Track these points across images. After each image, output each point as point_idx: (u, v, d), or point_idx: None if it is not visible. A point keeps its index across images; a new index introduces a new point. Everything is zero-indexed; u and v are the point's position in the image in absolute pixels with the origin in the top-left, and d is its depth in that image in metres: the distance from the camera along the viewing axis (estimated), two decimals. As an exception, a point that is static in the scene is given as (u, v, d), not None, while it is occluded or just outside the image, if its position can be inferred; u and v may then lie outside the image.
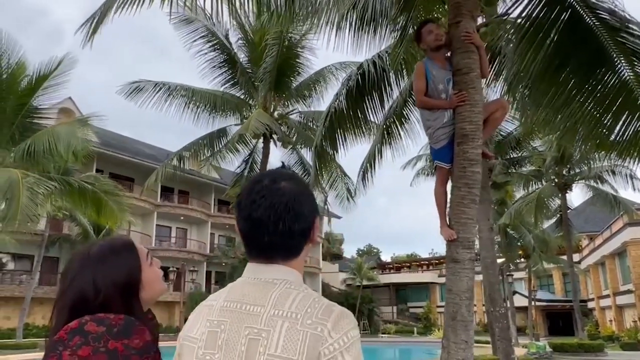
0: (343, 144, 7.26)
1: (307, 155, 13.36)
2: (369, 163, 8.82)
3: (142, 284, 1.11)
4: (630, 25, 4.38)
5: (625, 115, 4.64)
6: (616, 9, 4.41)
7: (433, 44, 3.31)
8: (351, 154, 9.22)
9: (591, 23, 4.47)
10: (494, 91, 5.29)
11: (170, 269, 23.02)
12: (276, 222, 0.88)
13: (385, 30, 5.79)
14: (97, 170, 22.60)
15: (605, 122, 4.60)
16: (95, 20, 3.29)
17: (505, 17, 4.90)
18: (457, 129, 3.31)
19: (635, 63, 4.43)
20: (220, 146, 13.16)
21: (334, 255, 56.34)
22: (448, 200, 3.34)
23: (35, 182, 7.75)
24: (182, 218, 30.69)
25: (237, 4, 3.82)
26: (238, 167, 13.98)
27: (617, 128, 4.65)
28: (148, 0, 3.53)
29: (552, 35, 4.42)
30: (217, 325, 0.87)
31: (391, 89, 6.57)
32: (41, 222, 21.69)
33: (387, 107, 6.90)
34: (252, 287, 0.88)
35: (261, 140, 13.28)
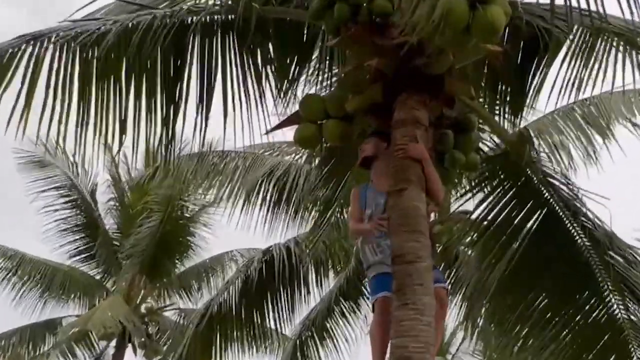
0: (221, 356, 5.70)
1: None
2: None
3: None
4: (615, 244, 3.71)
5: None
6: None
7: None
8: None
9: (573, 230, 3.74)
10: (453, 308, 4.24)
11: None
12: None
13: (311, 212, 5.11)
14: None
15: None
16: None
17: (468, 216, 4.12)
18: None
19: (626, 294, 3.75)
20: (48, 346, 10.12)
21: None
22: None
23: None
24: None
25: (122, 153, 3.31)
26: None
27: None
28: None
29: (519, 239, 3.72)
30: None
31: (308, 289, 5.55)
32: None
33: (300, 313, 5.77)
34: None
35: (114, 343, 10.39)
